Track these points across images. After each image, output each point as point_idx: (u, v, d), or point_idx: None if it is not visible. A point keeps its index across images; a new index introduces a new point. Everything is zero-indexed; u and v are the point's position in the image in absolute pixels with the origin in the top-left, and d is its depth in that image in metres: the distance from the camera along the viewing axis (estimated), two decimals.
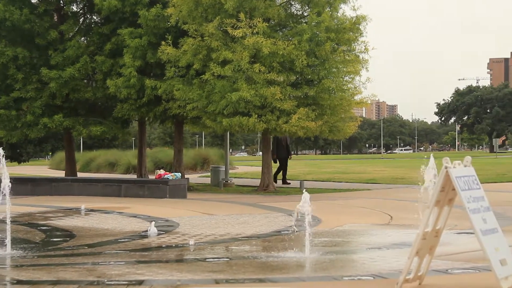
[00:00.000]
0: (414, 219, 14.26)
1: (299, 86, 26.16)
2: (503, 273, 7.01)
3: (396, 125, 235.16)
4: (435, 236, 7.54)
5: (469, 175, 7.35)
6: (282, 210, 18.34)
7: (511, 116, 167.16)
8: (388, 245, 11.68)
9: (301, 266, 9.68)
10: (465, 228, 12.70)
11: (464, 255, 10.24)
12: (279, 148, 31.65)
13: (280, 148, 31.68)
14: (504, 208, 17.65)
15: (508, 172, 39.25)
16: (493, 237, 7.19)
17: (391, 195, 24.58)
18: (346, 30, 25.91)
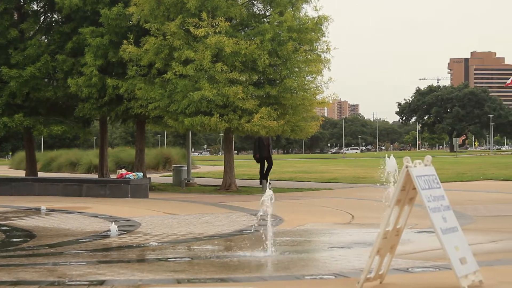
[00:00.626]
0: (375, 218, 14.37)
1: (261, 85, 26.18)
2: (463, 272, 7.07)
3: (357, 125, 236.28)
4: (396, 235, 7.59)
5: (429, 174, 7.40)
6: (244, 210, 18.35)
7: (471, 116, 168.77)
8: (349, 244, 11.73)
9: (263, 266, 9.69)
10: (425, 227, 12.79)
11: (425, 254, 10.31)
12: (261, 148, 30.92)
13: (262, 148, 30.90)
14: (464, 207, 17.82)
15: (468, 171, 39.62)
16: (453, 236, 7.25)
17: (352, 194, 24.69)
18: (308, 30, 25.97)
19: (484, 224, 14.34)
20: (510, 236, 12.36)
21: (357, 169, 45.42)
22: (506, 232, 13.00)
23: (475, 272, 7.27)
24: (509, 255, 10.15)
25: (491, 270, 8.41)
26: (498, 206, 18.27)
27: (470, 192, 24.29)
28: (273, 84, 26.23)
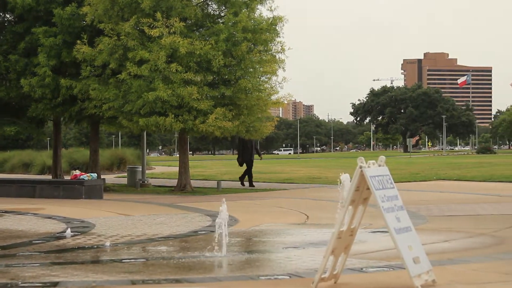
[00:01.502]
0: (330, 218, 14.44)
1: (216, 86, 26.17)
2: (416, 271, 7.14)
3: (312, 125, 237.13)
4: (350, 235, 7.63)
5: (383, 175, 7.46)
6: (199, 210, 18.32)
7: (424, 116, 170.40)
8: (304, 244, 11.76)
9: (218, 266, 9.69)
10: (379, 226, 12.89)
11: (379, 254, 10.38)
12: (245, 151, 30.21)
13: (246, 150, 30.18)
14: (417, 207, 17.97)
15: (421, 171, 40.01)
16: (407, 235, 7.32)
17: (307, 194, 24.78)
18: (262, 30, 26.02)
19: (437, 224, 14.48)
20: (462, 236, 12.50)
21: (312, 170, 45.60)
22: (459, 231, 13.14)
23: (428, 271, 7.35)
24: (461, 254, 10.27)
25: (444, 269, 8.50)
26: (451, 206, 18.46)
27: (423, 192, 24.52)
28: (228, 84, 26.23)
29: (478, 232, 12.94)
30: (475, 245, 11.35)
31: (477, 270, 8.63)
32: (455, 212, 16.89)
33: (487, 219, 15.30)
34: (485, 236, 12.35)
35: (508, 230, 13.25)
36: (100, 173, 29.85)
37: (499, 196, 21.66)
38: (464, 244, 11.57)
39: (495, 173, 35.83)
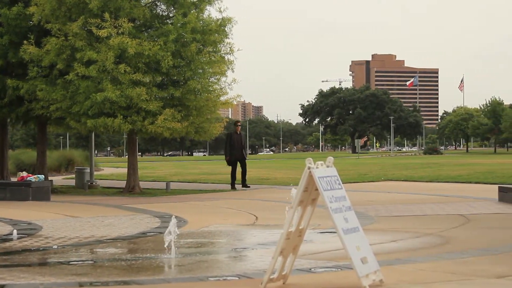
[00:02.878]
0: (279, 219, 14.48)
1: (165, 87, 26.08)
2: (364, 271, 7.20)
3: (261, 126, 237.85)
4: (299, 236, 7.66)
5: (331, 176, 7.51)
6: (148, 212, 18.24)
7: (372, 117, 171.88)
8: (253, 245, 11.78)
9: (167, 268, 9.66)
10: (328, 227, 12.96)
11: (327, 254, 10.44)
12: (232, 149, 28.71)
13: (233, 149, 28.70)
14: (365, 207, 18.11)
15: (369, 172, 40.32)
16: (355, 236, 7.37)
17: (256, 195, 24.81)
18: (212, 31, 26.01)
19: (384, 224, 14.61)
20: (409, 236, 12.62)
21: (260, 171, 45.66)
22: (406, 231, 13.27)
23: (376, 271, 7.41)
24: (408, 254, 10.37)
25: (391, 269, 8.57)
26: (398, 207, 18.63)
27: (371, 192, 24.72)
28: (177, 85, 26.15)
29: (425, 232, 13.08)
30: (422, 245, 11.47)
31: (424, 270, 8.72)
32: (403, 213, 17.05)
33: (434, 219, 15.47)
34: (432, 236, 12.49)
35: (454, 230, 13.42)
36: (48, 174, 29.55)
37: (445, 196, 21.92)
38: (411, 244, 11.69)
39: (441, 173, 36.27)
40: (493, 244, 11.24)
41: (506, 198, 19.32)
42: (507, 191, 19.65)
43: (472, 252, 10.23)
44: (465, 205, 18.60)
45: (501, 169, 38.15)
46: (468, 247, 10.88)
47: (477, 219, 15.36)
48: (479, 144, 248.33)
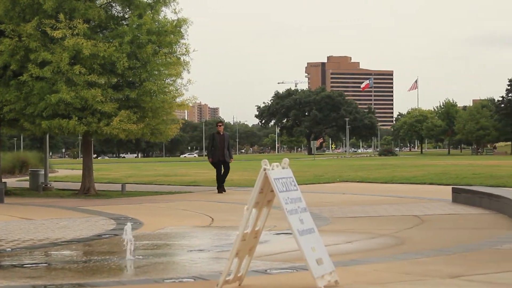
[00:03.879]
0: (235, 220, 14.49)
1: (121, 88, 25.95)
2: (319, 272, 7.22)
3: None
4: (255, 237, 7.67)
5: (287, 177, 7.53)
6: (103, 214, 18.13)
7: (328, 119, 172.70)
8: (209, 246, 11.77)
9: (122, 270, 9.62)
10: (283, 228, 12.98)
11: (283, 255, 10.47)
12: (216, 149, 27.12)
13: (217, 150, 27.11)
14: (320, 208, 18.18)
15: (325, 173, 40.49)
16: (310, 237, 7.40)
17: (212, 197, 24.79)
18: (167, 32, 25.94)
19: (340, 225, 14.69)
20: (364, 237, 12.71)
21: None
22: (361, 232, 13.35)
23: (331, 272, 7.44)
24: (363, 255, 10.44)
25: (346, 270, 8.62)
26: (353, 208, 18.73)
27: (326, 194, 24.83)
28: (133, 87, 26.03)
29: (380, 233, 13.18)
30: (377, 246, 11.56)
31: (378, 270, 8.78)
32: (358, 214, 17.15)
33: (389, 220, 15.59)
34: (386, 237, 12.59)
35: (408, 231, 13.54)
36: (1, 176, 29.26)
37: (400, 197, 22.09)
38: (366, 245, 11.77)
39: (396, 174, 36.56)
40: (447, 244, 11.35)
41: (459, 199, 19.54)
42: (460, 192, 19.88)
43: (426, 253, 10.32)
44: (419, 206, 18.77)
45: (455, 170, 38.57)
46: (422, 248, 10.98)
47: (431, 220, 15.52)
48: (433, 145, 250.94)
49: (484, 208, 17.42)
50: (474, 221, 15.25)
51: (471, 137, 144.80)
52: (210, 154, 27.49)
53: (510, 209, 14.80)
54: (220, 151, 27.08)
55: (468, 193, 19.25)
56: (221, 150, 27.06)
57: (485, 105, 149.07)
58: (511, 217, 14.60)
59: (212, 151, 27.32)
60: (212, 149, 27.31)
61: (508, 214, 15.14)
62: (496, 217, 15.58)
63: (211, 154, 27.37)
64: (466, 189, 20.00)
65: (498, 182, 27.77)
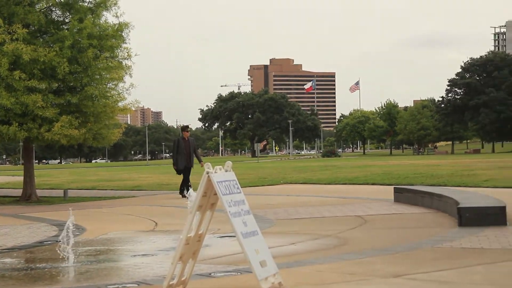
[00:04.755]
0: (179, 224, 14.45)
1: (62, 93, 25.69)
2: (263, 274, 7.24)
3: (161, 132, 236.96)
4: (198, 241, 7.67)
5: (230, 180, 7.54)
6: (45, 220, 17.94)
7: (271, 121, 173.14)
8: (153, 251, 11.72)
9: (65, 276, 9.53)
10: (227, 231, 13.00)
11: (227, 258, 10.47)
12: (180, 157, 25.46)
13: (182, 156, 25.42)
14: (264, 210, 18.23)
15: (269, 175, 40.58)
16: (254, 239, 7.41)
17: (156, 201, 24.70)
18: (109, 36, 25.76)
19: (284, 227, 14.74)
20: (308, 238, 12.77)
21: (161, 176, 45.47)
22: (305, 234, 13.42)
23: (275, 274, 7.46)
24: (307, 256, 10.49)
25: (290, 271, 8.66)
26: (298, 209, 18.80)
27: (270, 196, 24.88)
28: (74, 91, 25.78)
29: (324, 234, 13.26)
30: (320, 247, 11.63)
31: (322, 271, 8.84)
32: (302, 215, 17.23)
33: (332, 221, 15.68)
34: (330, 238, 12.67)
35: (351, 231, 13.65)
36: None
37: (343, 198, 22.25)
38: (310, 246, 11.83)
39: (339, 175, 36.80)
40: (389, 244, 11.47)
41: (401, 198, 19.75)
42: (402, 191, 20.10)
43: (369, 253, 10.42)
44: (362, 206, 18.92)
45: (397, 170, 38.96)
46: (365, 248, 11.08)
47: (373, 220, 15.65)
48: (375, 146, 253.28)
49: (425, 207, 17.64)
50: (416, 220, 15.42)
51: (413, 137, 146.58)
52: (175, 161, 25.69)
53: (451, 208, 14.99)
54: (186, 157, 25.51)
55: (410, 193, 19.47)
56: (187, 156, 25.53)
57: (426, 105, 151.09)
58: (452, 216, 14.79)
59: (176, 158, 25.67)
60: (176, 155, 25.70)
61: (449, 213, 15.34)
62: (437, 216, 15.79)
63: (175, 161, 25.76)
64: (408, 189, 20.23)
65: (439, 181, 28.15)
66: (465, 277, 8.28)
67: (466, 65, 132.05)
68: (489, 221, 13.04)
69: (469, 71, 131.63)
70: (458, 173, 32.20)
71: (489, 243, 10.92)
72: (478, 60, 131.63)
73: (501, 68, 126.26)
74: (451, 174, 31.78)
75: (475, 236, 11.68)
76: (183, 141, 25.81)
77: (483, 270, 8.69)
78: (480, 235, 11.73)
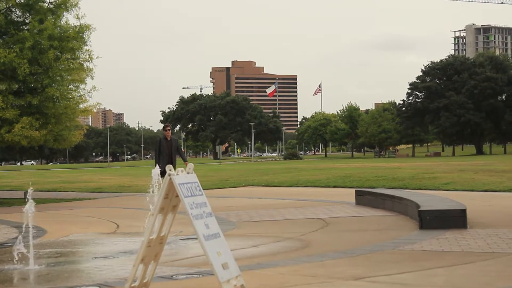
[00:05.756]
0: (141, 226, 14.40)
1: (22, 94, 25.49)
2: (225, 277, 7.24)
3: (122, 133, 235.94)
4: (160, 243, 7.64)
5: (192, 182, 7.52)
6: (5, 222, 17.80)
7: (233, 124, 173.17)
8: (114, 253, 11.67)
9: (25, 279, 9.45)
10: (189, 234, 12.99)
11: (189, 261, 10.46)
12: (161, 157, 23.00)
13: (164, 157, 22.94)
14: (227, 213, 18.24)
15: (230, 178, 40.57)
16: (215, 241, 7.40)
17: (117, 203, 24.60)
18: (69, 38, 25.61)
19: (246, 229, 14.75)
20: (270, 240, 12.79)
21: (122, 178, 45.28)
22: (267, 236, 13.44)
23: (237, 276, 7.46)
24: (270, 258, 10.51)
25: (252, 273, 8.67)
26: (259, 211, 18.82)
27: (232, 198, 24.89)
28: (35, 93, 25.60)
29: (286, 236, 13.29)
30: (282, 249, 11.65)
31: (284, 274, 8.86)
32: (264, 218, 17.25)
33: (294, 224, 15.72)
34: (292, 240, 12.70)
35: (313, 234, 13.69)
36: None
37: (305, 200, 22.31)
38: (272, 248, 11.85)
39: (301, 178, 36.86)
40: (351, 246, 11.53)
41: (362, 201, 19.87)
42: (364, 194, 20.21)
43: (330, 255, 10.46)
44: (324, 209, 18.98)
45: (358, 173, 39.15)
46: (327, 250, 11.12)
47: (335, 222, 15.72)
48: (337, 149, 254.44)
49: (386, 210, 17.76)
50: (377, 222, 15.51)
51: (374, 140, 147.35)
52: (157, 161, 22.71)
53: (412, 211, 15.11)
54: (167, 158, 22.99)
55: (371, 196, 19.58)
56: (168, 157, 23.04)
57: (387, 108, 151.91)
58: (412, 219, 14.91)
59: (158, 159, 23.02)
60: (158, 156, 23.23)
61: (410, 216, 15.46)
62: (398, 219, 15.90)
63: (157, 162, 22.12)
64: (369, 192, 20.35)
65: (400, 184, 28.34)
66: (426, 280, 8.35)
67: (427, 69, 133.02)
68: (449, 224, 13.17)
69: (429, 74, 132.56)
70: (418, 176, 32.43)
71: (449, 245, 11.02)
72: (438, 64, 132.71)
73: (461, 72, 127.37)
74: (412, 177, 32.00)
75: (435, 239, 11.78)
76: (164, 141, 23.42)
77: (444, 273, 8.77)
78: (440, 238, 11.84)
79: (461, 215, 13.41)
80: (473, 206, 16.52)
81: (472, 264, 9.33)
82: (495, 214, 15.79)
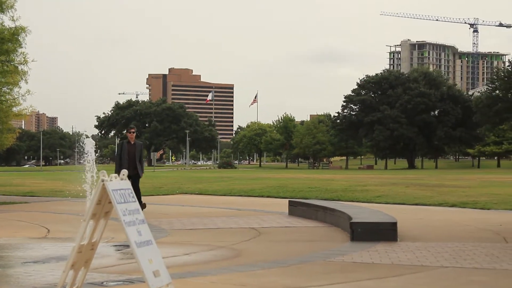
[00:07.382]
0: (72, 232, 14.25)
1: None
2: (156, 284, 7.22)
3: (56, 137, 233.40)
4: (91, 249, 7.59)
5: (125, 188, 7.49)
6: None
7: (168, 131, 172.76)
8: (44, 258, 11.53)
9: None
10: (121, 240, 12.91)
11: (120, 267, 10.39)
12: (123, 162, 21.18)
13: (124, 162, 21.10)
14: (159, 220, 18.16)
15: (164, 185, 40.40)
16: (147, 249, 7.38)
17: (49, 208, 24.30)
18: (4, 40, 25.27)
19: (178, 237, 14.71)
20: (202, 249, 12.78)
21: (55, 182, 44.73)
22: (199, 244, 13.43)
23: (168, 284, 7.45)
24: (201, 267, 10.50)
25: (183, 282, 8.67)
26: (192, 220, 18.79)
27: (166, 205, 24.80)
28: None
29: (218, 245, 13.29)
30: (214, 258, 11.65)
31: (215, 282, 8.87)
32: (196, 226, 17.22)
33: (227, 232, 15.74)
34: (224, 249, 12.71)
35: (245, 243, 13.72)
36: None
37: (238, 210, 22.33)
38: (204, 256, 11.85)
39: (235, 187, 36.88)
40: (282, 256, 11.59)
41: (295, 212, 19.95)
42: (297, 205, 20.31)
43: (262, 265, 10.50)
44: (257, 218, 19.02)
45: (292, 183, 39.31)
46: (259, 260, 11.16)
47: (267, 232, 15.77)
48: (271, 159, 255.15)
49: (319, 221, 17.87)
50: (309, 233, 15.61)
51: (308, 151, 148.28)
52: (117, 168, 20.76)
53: (344, 222, 15.24)
54: (130, 163, 21.29)
55: (304, 206, 19.69)
56: (131, 162, 21.35)
57: (322, 120, 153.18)
58: (344, 230, 15.04)
59: (119, 164, 21.25)
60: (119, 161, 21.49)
61: (342, 227, 15.59)
62: (330, 230, 16.02)
63: (118, 167, 21.02)
64: (302, 202, 20.45)
65: (333, 195, 28.54)
66: None
67: (362, 82, 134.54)
68: (380, 236, 13.32)
69: (364, 88, 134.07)
70: (351, 188, 32.71)
71: (379, 258, 11.15)
72: (373, 78, 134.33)
73: (395, 86, 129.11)
74: (344, 189, 32.26)
75: (366, 251, 11.91)
76: (127, 145, 21.65)
77: (374, 285, 8.87)
78: (371, 250, 11.97)
79: (392, 228, 13.58)
80: (403, 219, 16.73)
81: (402, 277, 9.46)
82: (425, 228, 16.01)
